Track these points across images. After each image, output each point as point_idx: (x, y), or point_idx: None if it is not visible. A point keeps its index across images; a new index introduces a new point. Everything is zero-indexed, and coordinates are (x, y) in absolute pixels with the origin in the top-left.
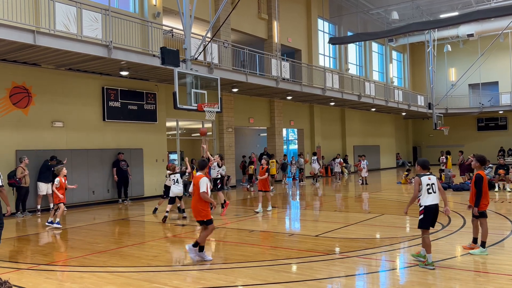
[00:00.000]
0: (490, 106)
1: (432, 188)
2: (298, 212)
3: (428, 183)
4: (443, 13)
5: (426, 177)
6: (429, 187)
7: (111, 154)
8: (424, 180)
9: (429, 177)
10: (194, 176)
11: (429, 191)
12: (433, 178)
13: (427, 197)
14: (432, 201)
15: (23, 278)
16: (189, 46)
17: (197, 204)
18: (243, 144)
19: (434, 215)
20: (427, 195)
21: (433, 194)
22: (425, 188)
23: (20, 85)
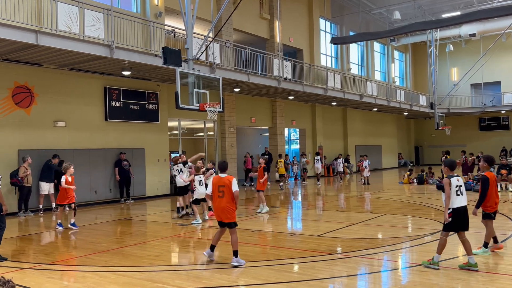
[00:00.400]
0: (492, 106)
1: (460, 189)
2: (300, 212)
3: (457, 185)
4: (445, 13)
5: (455, 178)
6: (457, 189)
7: (113, 153)
8: (453, 181)
9: (457, 179)
10: (219, 177)
11: (457, 193)
12: (460, 179)
13: (455, 199)
14: (460, 203)
15: (26, 278)
16: (191, 46)
17: (228, 205)
18: (245, 144)
19: (463, 218)
20: (456, 197)
21: (461, 196)
22: (454, 189)
23: (22, 84)
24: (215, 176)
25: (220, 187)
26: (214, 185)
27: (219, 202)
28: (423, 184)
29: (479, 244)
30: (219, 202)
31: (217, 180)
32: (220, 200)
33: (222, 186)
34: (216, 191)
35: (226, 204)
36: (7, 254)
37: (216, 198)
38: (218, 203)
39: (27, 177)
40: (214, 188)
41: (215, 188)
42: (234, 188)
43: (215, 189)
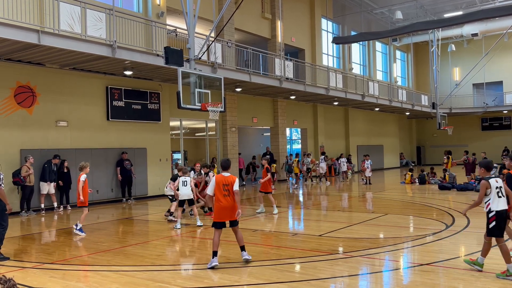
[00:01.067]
0: (494, 106)
1: (501, 191)
2: (301, 211)
3: (497, 186)
4: (447, 13)
5: (494, 179)
6: (498, 191)
7: (115, 153)
8: (493, 183)
9: (496, 180)
10: (222, 176)
11: (498, 194)
12: (500, 180)
13: (498, 202)
14: (504, 206)
15: (28, 277)
16: (193, 45)
17: (235, 204)
18: (246, 144)
19: (505, 221)
20: (498, 199)
21: (502, 198)
22: (495, 191)
23: (24, 84)
24: (218, 175)
25: (225, 186)
26: (217, 184)
27: (227, 200)
28: (425, 184)
29: (481, 244)
30: (226, 201)
31: (221, 179)
32: (227, 199)
33: (226, 185)
34: (222, 189)
35: (233, 203)
36: (9, 254)
37: (222, 197)
38: (225, 201)
39: (29, 177)
40: (217, 187)
41: (219, 187)
42: (235, 188)
43: (219, 188)
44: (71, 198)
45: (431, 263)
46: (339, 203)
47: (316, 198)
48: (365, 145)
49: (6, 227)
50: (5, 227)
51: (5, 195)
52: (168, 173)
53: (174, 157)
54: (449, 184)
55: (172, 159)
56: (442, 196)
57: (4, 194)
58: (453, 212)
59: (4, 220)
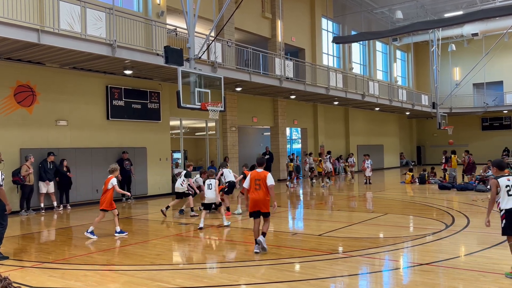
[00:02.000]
0: (494, 106)
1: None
2: (301, 211)
3: (508, 185)
4: (447, 12)
5: (505, 178)
6: (509, 189)
7: (115, 152)
8: (502, 182)
9: (508, 178)
10: (256, 172)
11: (509, 193)
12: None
13: (507, 200)
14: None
15: (27, 276)
16: (193, 45)
17: (266, 197)
18: (246, 144)
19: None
20: (508, 198)
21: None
22: (505, 190)
23: (24, 83)
24: (252, 171)
25: (257, 181)
26: (251, 179)
27: (257, 194)
28: (425, 184)
29: (483, 245)
30: (257, 194)
31: (254, 175)
32: (258, 192)
33: (258, 179)
34: (253, 184)
35: (264, 196)
36: (8, 253)
37: (254, 191)
38: (256, 194)
39: (29, 176)
40: (251, 182)
41: (252, 182)
42: (269, 182)
43: (252, 182)
44: (71, 197)
45: (430, 263)
46: (339, 202)
47: (321, 198)
48: (365, 144)
49: (6, 226)
50: (5, 226)
51: (5, 195)
52: (168, 172)
53: (174, 156)
54: (449, 184)
55: (172, 158)
56: (442, 196)
57: (4, 194)
58: (452, 212)
59: (3, 220)
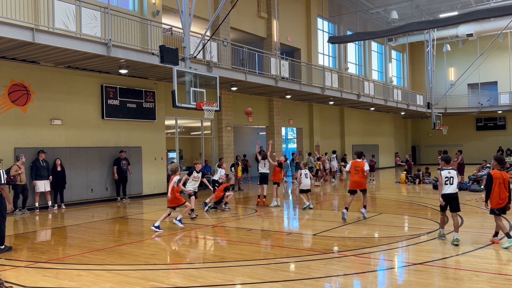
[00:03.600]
0: (489, 106)
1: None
2: (296, 210)
3: (447, 176)
4: (442, 13)
5: (446, 171)
6: (447, 179)
7: (110, 152)
8: (444, 173)
9: (448, 171)
10: (356, 161)
11: (446, 182)
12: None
13: (446, 188)
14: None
15: (21, 276)
16: (188, 44)
17: (363, 179)
18: (242, 143)
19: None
20: (446, 186)
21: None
22: (444, 180)
23: (19, 82)
24: (353, 160)
25: (356, 167)
26: (352, 166)
27: (358, 176)
28: (420, 183)
29: (476, 244)
30: (357, 176)
31: (354, 163)
32: (357, 175)
33: (357, 167)
34: (354, 169)
35: (361, 178)
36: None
37: (354, 174)
38: (356, 177)
39: (20, 176)
40: (352, 168)
41: (353, 168)
42: (365, 168)
43: (353, 168)
44: (65, 197)
45: (425, 262)
46: (334, 202)
47: (316, 198)
48: (360, 144)
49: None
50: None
51: (7, 193)
52: (164, 172)
53: (169, 156)
54: None
55: (167, 158)
56: (436, 196)
57: (7, 193)
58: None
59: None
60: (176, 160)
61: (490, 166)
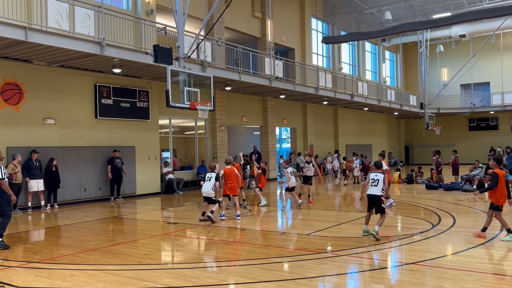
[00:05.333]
0: (481, 107)
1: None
2: (290, 210)
3: (373, 178)
4: (435, 14)
5: (374, 173)
6: (373, 181)
7: (103, 151)
8: (371, 175)
9: (376, 174)
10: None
11: (372, 184)
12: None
13: (370, 188)
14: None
15: (13, 276)
16: (182, 44)
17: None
18: (236, 143)
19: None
20: (370, 187)
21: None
22: (370, 181)
23: (11, 81)
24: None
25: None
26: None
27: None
28: (413, 183)
29: (468, 244)
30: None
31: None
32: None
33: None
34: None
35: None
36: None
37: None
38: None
39: (16, 175)
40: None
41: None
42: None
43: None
44: (58, 196)
45: (417, 262)
46: (327, 202)
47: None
48: (354, 144)
49: (10, 216)
50: (9, 216)
51: (8, 186)
52: (157, 172)
53: (163, 155)
54: (436, 184)
55: (161, 157)
56: (428, 196)
57: (7, 186)
58: (439, 211)
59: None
60: (169, 159)
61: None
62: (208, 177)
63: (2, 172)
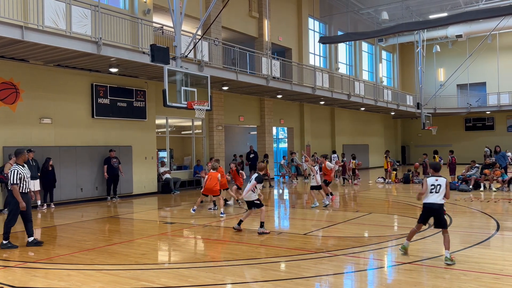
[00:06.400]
0: (477, 107)
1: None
2: (287, 210)
3: (433, 184)
4: (432, 14)
5: (433, 178)
6: (433, 187)
7: (99, 151)
8: (430, 181)
9: (436, 179)
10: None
11: (432, 191)
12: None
13: (429, 196)
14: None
15: (10, 276)
16: (179, 43)
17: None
18: (233, 143)
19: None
20: (429, 195)
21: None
22: (429, 188)
23: (7, 81)
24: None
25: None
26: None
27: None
28: (409, 183)
29: (464, 244)
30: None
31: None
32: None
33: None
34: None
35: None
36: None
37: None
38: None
39: None
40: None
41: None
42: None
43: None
44: (55, 196)
45: (414, 261)
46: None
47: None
48: (350, 144)
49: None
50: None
51: (17, 192)
52: (154, 171)
53: (160, 155)
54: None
55: (158, 157)
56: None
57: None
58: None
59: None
60: (166, 159)
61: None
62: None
63: (15, 177)
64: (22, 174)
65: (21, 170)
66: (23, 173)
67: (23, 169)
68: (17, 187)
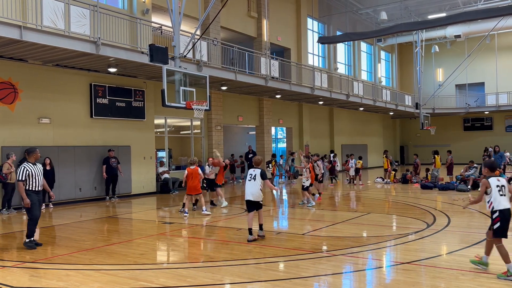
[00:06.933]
0: (476, 107)
1: (502, 190)
2: (286, 210)
3: (498, 185)
4: (431, 14)
5: (495, 178)
6: (499, 189)
7: (98, 151)
8: (493, 182)
9: (497, 179)
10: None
11: (500, 193)
12: (502, 179)
13: (500, 200)
14: (506, 205)
15: (8, 276)
16: (178, 43)
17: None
18: (232, 143)
19: (508, 221)
20: (500, 198)
21: (504, 196)
22: (496, 190)
23: (6, 80)
24: (487, 179)
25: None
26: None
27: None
28: (408, 183)
29: (462, 244)
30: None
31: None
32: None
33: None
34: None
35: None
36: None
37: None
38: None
39: (11, 174)
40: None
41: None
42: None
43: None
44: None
45: (412, 261)
46: (323, 201)
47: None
48: (349, 144)
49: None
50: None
51: (22, 189)
52: (152, 171)
53: (158, 155)
54: (431, 184)
55: (156, 157)
56: (424, 195)
57: (21, 189)
58: (434, 211)
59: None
60: (165, 159)
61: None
62: (251, 175)
63: (22, 173)
64: (30, 171)
65: (29, 168)
66: (31, 170)
67: (33, 166)
68: (22, 184)
